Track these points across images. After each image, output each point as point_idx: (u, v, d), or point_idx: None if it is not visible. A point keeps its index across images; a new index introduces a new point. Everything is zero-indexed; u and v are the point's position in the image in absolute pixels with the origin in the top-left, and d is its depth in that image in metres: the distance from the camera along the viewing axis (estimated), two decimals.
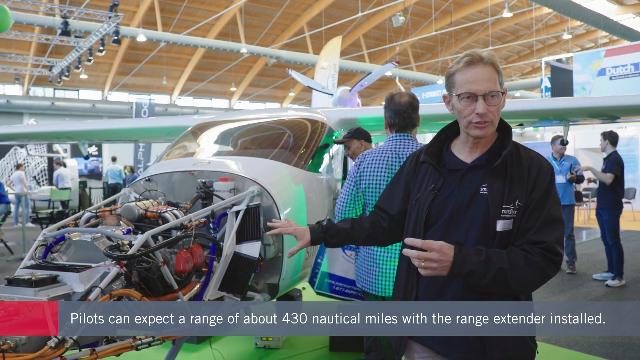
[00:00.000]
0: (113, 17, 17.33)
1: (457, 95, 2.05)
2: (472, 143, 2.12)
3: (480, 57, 2.03)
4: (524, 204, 2.02)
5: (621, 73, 17.72)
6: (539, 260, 1.95)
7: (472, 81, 2.01)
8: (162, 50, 28.00)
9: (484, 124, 2.02)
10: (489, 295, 2.01)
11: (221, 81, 34.00)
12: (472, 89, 2.00)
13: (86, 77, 28.75)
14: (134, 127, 7.72)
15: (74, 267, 2.45)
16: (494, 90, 2.01)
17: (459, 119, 2.11)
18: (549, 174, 2.08)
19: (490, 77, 2.01)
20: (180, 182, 3.84)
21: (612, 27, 25.19)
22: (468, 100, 2.02)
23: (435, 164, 2.19)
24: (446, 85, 2.15)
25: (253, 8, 27.13)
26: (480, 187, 2.05)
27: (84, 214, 3.24)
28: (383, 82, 35.21)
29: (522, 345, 2.04)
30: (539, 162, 2.10)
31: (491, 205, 2.00)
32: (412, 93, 3.55)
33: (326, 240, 2.36)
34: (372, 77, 9.60)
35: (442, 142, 2.26)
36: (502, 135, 2.15)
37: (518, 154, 2.11)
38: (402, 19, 22.84)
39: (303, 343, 5.44)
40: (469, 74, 2.02)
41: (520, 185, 2.03)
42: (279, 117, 5.24)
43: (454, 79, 2.07)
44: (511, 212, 2.00)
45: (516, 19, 29.14)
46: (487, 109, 2.00)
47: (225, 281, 3.25)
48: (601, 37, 31.47)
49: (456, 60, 2.10)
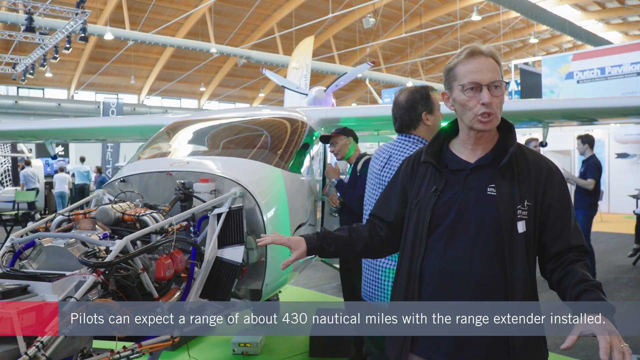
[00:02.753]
0: (80, 13, 16.87)
1: (460, 86, 1.97)
2: (474, 141, 2.03)
3: (480, 49, 1.98)
4: (533, 204, 1.95)
5: (588, 77, 18.05)
6: (587, 261, 1.95)
7: (476, 71, 1.95)
8: (130, 49, 27.54)
9: (488, 116, 1.94)
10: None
11: (190, 81, 33.63)
12: (477, 79, 1.93)
13: (51, 76, 28.14)
14: (104, 126, 7.42)
15: (46, 275, 2.24)
16: (497, 81, 1.94)
17: (461, 114, 2.02)
18: (559, 172, 2.03)
19: (494, 68, 1.96)
20: (158, 183, 3.64)
21: (577, 33, 25.81)
22: (472, 91, 1.94)
23: (436, 164, 2.09)
24: (446, 81, 2.06)
25: (223, 7, 26.88)
26: (488, 188, 1.96)
27: (55, 217, 3.03)
28: (353, 83, 35.25)
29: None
30: (545, 162, 2.04)
31: (501, 206, 1.92)
32: (416, 87, 3.30)
33: (323, 249, 2.22)
34: (347, 77, 9.50)
35: (442, 142, 2.17)
36: (504, 134, 2.07)
37: (522, 153, 2.03)
38: (373, 21, 22.86)
39: (282, 348, 5.29)
40: (472, 65, 1.96)
41: (529, 186, 1.96)
42: (257, 116, 5.07)
43: (456, 72, 2.00)
44: (523, 214, 1.93)
45: (484, 22, 29.57)
46: (492, 100, 1.93)
47: (207, 288, 3.07)
48: (565, 42, 32.23)
49: (455, 55, 2.03)
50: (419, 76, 36.10)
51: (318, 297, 7.46)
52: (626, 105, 5.56)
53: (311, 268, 7.97)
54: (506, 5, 21.56)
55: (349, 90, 37.69)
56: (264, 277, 3.46)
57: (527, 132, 15.19)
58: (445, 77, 2.07)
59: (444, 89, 2.10)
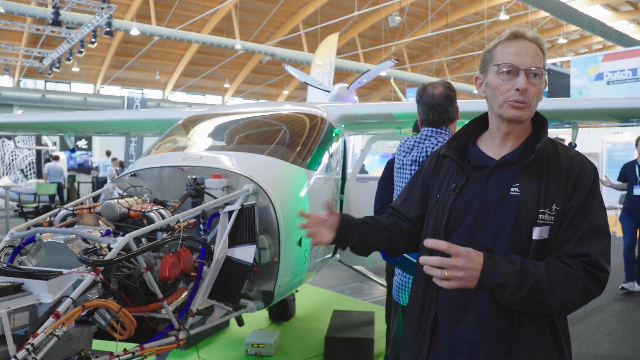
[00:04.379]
0: (106, 8, 16.96)
1: (495, 67, 1.79)
2: (503, 134, 1.85)
3: (524, 32, 1.80)
4: (562, 209, 1.72)
5: (619, 78, 17.65)
6: (581, 275, 1.65)
7: (516, 53, 1.77)
8: (156, 44, 27.66)
9: (521, 103, 1.75)
10: (520, 313, 1.71)
11: (215, 77, 33.71)
12: (515, 61, 1.76)
13: (78, 70, 28.46)
14: (122, 119, 7.34)
15: (43, 273, 2.12)
16: (538, 67, 1.76)
17: (492, 100, 1.84)
18: (592, 175, 1.78)
19: (536, 53, 1.79)
20: (169, 178, 3.51)
21: (608, 33, 25.24)
22: (508, 74, 1.76)
23: (458, 159, 1.91)
24: (482, 64, 1.88)
25: (248, 4, 26.86)
26: (511, 187, 1.76)
27: (60, 211, 2.92)
28: (377, 82, 34.99)
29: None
30: (580, 161, 1.80)
31: (523, 209, 1.71)
32: (447, 82, 3.21)
33: (348, 232, 1.97)
34: (371, 74, 9.37)
35: (469, 136, 1.99)
36: (537, 129, 1.88)
37: (556, 151, 1.82)
38: (399, 19, 22.66)
39: (296, 350, 5.16)
40: (513, 47, 1.78)
41: (559, 187, 1.74)
42: (276, 111, 4.93)
43: (494, 52, 1.83)
44: (547, 218, 1.71)
45: (512, 22, 29.00)
46: (528, 87, 1.74)
47: (216, 288, 2.93)
48: (595, 43, 31.61)
49: (496, 38, 1.85)
50: (444, 75, 35.68)
51: (335, 298, 7.31)
52: None
53: (329, 268, 7.82)
54: (535, 5, 21.15)
55: (373, 89, 37.42)
56: (277, 279, 3.31)
57: (553, 133, 14.82)
58: (482, 59, 1.89)
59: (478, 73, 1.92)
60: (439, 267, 1.58)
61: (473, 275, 1.58)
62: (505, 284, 1.60)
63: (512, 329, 1.72)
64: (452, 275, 1.57)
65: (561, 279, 1.64)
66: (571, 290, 1.65)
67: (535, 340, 1.73)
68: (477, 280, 1.59)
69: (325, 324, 5.48)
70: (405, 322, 2.04)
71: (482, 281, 1.59)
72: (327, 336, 4.95)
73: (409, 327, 1.98)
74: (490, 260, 1.61)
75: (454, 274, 1.57)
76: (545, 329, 1.75)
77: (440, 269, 1.58)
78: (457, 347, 1.79)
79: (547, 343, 1.75)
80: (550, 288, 1.62)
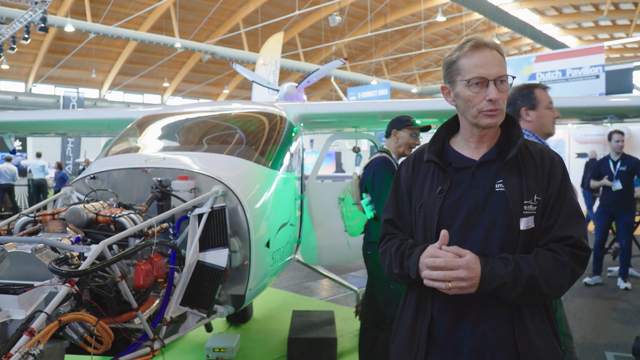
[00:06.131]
0: (40, 3, 16.16)
1: (465, 81, 1.85)
2: (478, 137, 1.92)
3: (485, 41, 1.86)
4: (542, 198, 1.85)
5: (550, 78, 18.35)
6: (568, 260, 1.79)
7: (482, 65, 1.83)
8: (92, 42, 26.75)
9: (495, 111, 1.84)
10: (519, 307, 1.80)
11: (153, 76, 32.95)
12: (483, 73, 1.82)
13: (8, 68, 27.06)
14: (70, 119, 6.95)
15: (11, 287, 1.96)
16: (504, 75, 1.84)
17: (465, 110, 1.90)
18: (561, 165, 1.93)
19: (500, 62, 1.86)
20: (131, 181, 3.35)
21: (537, 36, 26.33)
22: (478, 86, 1.83)
23: (440, 163, 1.94)
24: (446, 75, 1.93)
25: (188, 2, 26.38)
26: (495, 184, 1.85)
27: (20, 217, 2.72)
28: (319, 81, 35.06)
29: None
30: (549, 153, 1.95)
31: (511, 203, 1.81)
32: (519, 85, 3.25)
33: None
34: (319, 73, 9.35)
35: (443, 139, 2.03)
36: (507, 128, 1.97)
37: (525, 146, 1.93)
38: (339, 19, 22.72)
39: (258, 353, 5.08)
40: (477, 58, 1.84)
41: (537, 179, 1.86)
42: (235, 110, 4.81)
43: (459, 65, 1.87)
44: (532, 209, 1.82)
45: (448, 23, 29.86)
46: (499, 95, 1.83)
47: (188, 295, 2.82)
48: (524, 45, 32.84)
49: (456, 47, 1.90)
50: (382, 75, 36.19)
51: (292, 298, 7.25)
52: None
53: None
54: (470, 7, 21.73)
55: (314, 88, 37.51)
56: (248, 282, 3.23)
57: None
58: (445, 70, 1.93)
59: (443, 83, 1.97)
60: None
61: (474, 282, 1.71)
62: (503, 285, 1.73)
63: (513, 317, 1.80)
64: (456, 286, 1.70)
65: (551, 267, 1.77)
66: (561, 276, 1.78)
67: (534, 322, 1.82)
68: (477, 286, 1.72)
69: (285, 325, 5.40)
70: (396, 327, 2.02)
71: (482, 286, 1.72)
72: (289, 337, 4.89)
73: (402, 332, 1.97)
74: (487, 266, 1.73)
75: (457, 285, 1.70)
76: (540, 309, 1.86)
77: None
78: (461, 344, 1.81)
79: (543, 322, 1.85)
80: (543, 279, 1.75)
